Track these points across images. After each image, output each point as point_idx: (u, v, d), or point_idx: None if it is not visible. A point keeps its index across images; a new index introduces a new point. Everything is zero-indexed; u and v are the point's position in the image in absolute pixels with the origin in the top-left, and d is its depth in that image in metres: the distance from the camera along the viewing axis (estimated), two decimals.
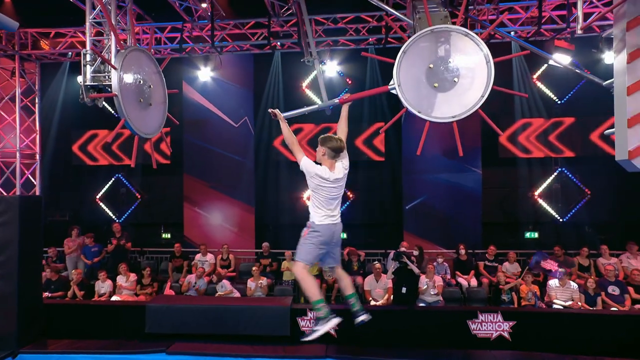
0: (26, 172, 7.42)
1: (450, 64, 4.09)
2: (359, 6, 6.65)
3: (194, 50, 7.48)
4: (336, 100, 4.26)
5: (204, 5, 6.43)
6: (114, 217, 10.54)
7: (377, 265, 8.23)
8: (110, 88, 4.33)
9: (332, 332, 7.12)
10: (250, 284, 8.45)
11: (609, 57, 7.25)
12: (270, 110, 3.89)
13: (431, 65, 4.11)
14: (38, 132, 7.46)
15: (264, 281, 8.45)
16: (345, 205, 10.32)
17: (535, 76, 9.67)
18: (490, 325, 6.82)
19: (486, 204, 9.80)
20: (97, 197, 10.74)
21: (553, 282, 7.68)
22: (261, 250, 9.35)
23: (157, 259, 9.69)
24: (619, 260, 8.15)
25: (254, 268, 8.57)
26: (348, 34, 6.95)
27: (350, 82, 9.44)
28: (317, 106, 4.49)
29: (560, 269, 7.58)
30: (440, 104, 4.14)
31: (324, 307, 3.60)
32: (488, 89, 4.09)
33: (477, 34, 4.34)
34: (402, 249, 8.19)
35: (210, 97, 10.02)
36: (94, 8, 4.46)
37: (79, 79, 8.76)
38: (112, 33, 4.19)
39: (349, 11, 6.81)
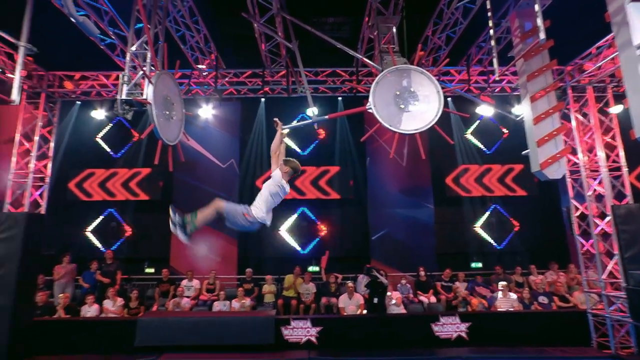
0: (34, 193, 7.40)
1: (412, 92, 5.09)
2: (335, 63, 7.92)
3: (198, 92, 8.28)
4: (326, 117, 5.05)
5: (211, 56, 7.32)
6: (102, 249, 10.28)
7: (350, 284, 8.55)
8: (142, 103, 4.86)
9: (314, 339, 7.25)
10: (235, 304, 8.41)
11: (516, 109, 8.78)
12: (275, 119, 4.54)
13: (397, 92, 5.09)
14: (51, 158, 7.64)
15: (247, 301, 8.44)
16: (317, 239, 10.78)
17: (469, 131, 11.20)
18: (451, 327, 7.26)
19: (438, 236, 10.61)
20: (88, 230, 10.52)
21: (497, 294, 8.35)
22: (244, 276, 9.39)
23: (143, 287, 9.40)
24: (545, 277, 9.04)
25: (239, 289, 8.59)
26: (326, 84, 8.09)
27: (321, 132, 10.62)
28: (310, 120, 5.24)
29: (492, 294, 8.32)
30: (405, 121, 5.05)
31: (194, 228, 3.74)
32: (440, 111, 5.08)
33: None
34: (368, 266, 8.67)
35: (201, 140, 10.60)
36: (132, 43, 5.15)
37: (94, 113, 9.27)
38: (150, 58, 4.87)
39: (327, 67, 8.03)
